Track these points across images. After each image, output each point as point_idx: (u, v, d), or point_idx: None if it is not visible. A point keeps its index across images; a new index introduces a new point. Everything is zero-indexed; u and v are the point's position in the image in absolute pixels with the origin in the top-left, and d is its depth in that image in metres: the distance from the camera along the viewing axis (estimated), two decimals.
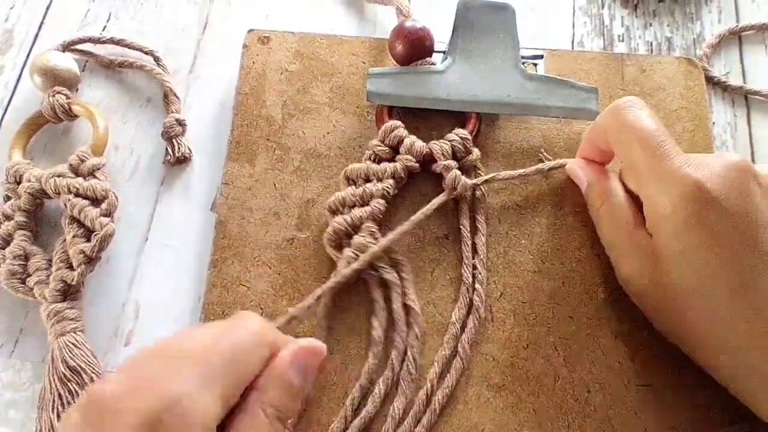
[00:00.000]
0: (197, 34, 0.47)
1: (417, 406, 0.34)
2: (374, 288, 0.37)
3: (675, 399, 0.35)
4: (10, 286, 0.37)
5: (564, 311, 0.37)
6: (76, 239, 0.37)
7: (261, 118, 0.42)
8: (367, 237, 0.37)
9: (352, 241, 0.37)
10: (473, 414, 0.34)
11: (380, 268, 0.37)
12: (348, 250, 0.36)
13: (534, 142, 0.42)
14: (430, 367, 0.35)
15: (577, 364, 0.36)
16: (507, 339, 0.36)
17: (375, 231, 0.37)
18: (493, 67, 0.41)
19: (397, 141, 0.39)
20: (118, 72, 0.46)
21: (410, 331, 0.36)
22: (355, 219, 0.37)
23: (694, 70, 0.44)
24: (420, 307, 0.36)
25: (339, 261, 0.37)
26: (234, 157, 0.41)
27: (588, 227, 0.39)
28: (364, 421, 0.34)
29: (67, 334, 0.35)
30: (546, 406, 0.35)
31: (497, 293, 0.37)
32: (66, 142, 0.43)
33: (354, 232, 0.37)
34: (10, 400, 0.36)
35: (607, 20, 0.48)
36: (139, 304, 0.38)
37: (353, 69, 0.44)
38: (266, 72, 0.43)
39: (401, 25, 0.42)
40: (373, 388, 0.34)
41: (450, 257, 0.38)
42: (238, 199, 0.40)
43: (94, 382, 0.34)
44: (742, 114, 0.45)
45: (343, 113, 0.42)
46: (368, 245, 0.36)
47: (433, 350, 0.36)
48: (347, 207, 0.38)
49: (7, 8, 0.48)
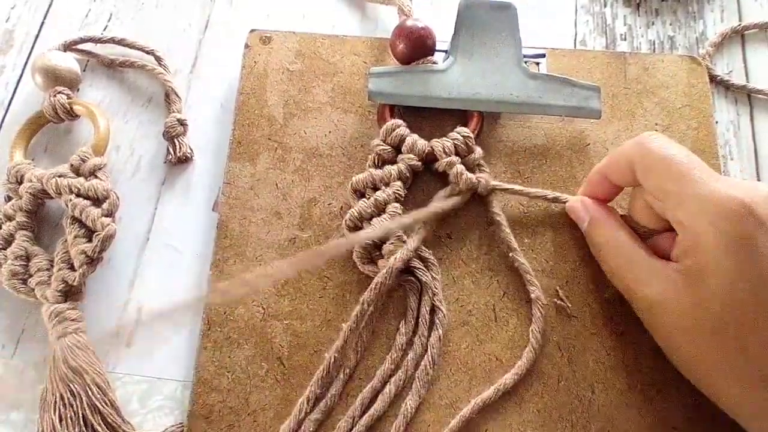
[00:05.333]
0: (198, 34, 0.47)
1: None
2: (411, 294, 0.37)
3: (679, 399, 0.35)
4: (12, 286, 0.37)
5: (566, 311, 0.37)
6: (77, 239, 0.37)
7: (262, 117, 0.42)
8: (397, 243, 0.36)
9: (383, 251, 0.37)
10: (476, 414, 0.34)
11: (416, 270, 0.36)
12: (383, 261, 0.36)
13: (536, 140, 0.42)
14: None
15: (581, 364, 0.36)
16: (510, 339, 0.36)
17: (401, 235, 0.37)
18: (496, 65, 0.41)
19: (398, 140, 0.39)
20: (119, 72, 0.46)
21: (433, 332, 0.36)
22: None
23: (698, 68, 0.44)
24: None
25: (378, 275, 0.36)
26: (235, 157, 0.41)
27: None
28: (372, 419, 0.34)
29: (68, 335, 0.35)
30: (550, 406, 0.35)
31: (500, 293, 0.37)
32: (67, 142, 0.43)
33: (381, 242, 0.37)
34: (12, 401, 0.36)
35: (610, 19, 0.48)
36: (140, 305, 0.38)
37: (355, 68, 0.44)
38: (268, 72, 0.43)
39: (403, 24, 0.42)
40: (385, 388, 0.34)
41: (452, 257, 0.38)
42: (239, 198, 0.39)
43: (96, 382, 0.34)
44: (745, 113, 0.45)
45: (345, 113, 0.42)
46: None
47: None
48: (365, 220, 0.38)
49: (7, 8, 0.48)
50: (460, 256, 0.38)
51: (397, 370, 0.35)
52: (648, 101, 0.43)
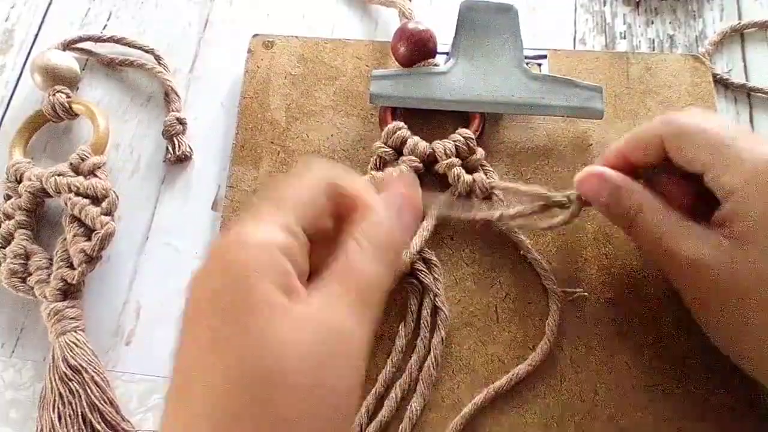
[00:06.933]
0: (198, 33, 0.47)
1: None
2: (412, 296, 0.36)
3: (681, 400, 0.35)
4: (11, 285, 0.36)
5: (571, 311, 0.37)
6: (76, 238, 0.36)
7: (265, 121, 0.42)
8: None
9: None
10: (479, 415, 0.34)
11: (418, 272, 0.36)
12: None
13: (538, 141, 0.41)
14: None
15: (584, 365, 0.35)
16: (512, 340, 0.36)
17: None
18: (497, 67, 0.41)
19: (400, 142, 0.39)
20: (118, 71, 0.45)
21: (436, 333, 0.35)
22: None
23: (701, 67, 0.44)
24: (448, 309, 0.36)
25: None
26: (239, 161, 0.41)
27: (594, 227, 0.38)
28: (380, 425, 0.34)
29: (67, 333, 0.35)
30: (552, 407, 0.35)
31: (502, 294, 0.37)
32: (66, 140, 0.43)
33: None
34: (11, 400, 0.36)
35: (609, 18, 0.48)
36: (140, 303, 0.38)
37: (357, 72, 0.44)
38: (270, 76, 0.43)
39: (404, 27, 0.42)
40: (389, 392, 0.34)
41: (455, 258, 0.38)
42: (242, 202, 0.39)
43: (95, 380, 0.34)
44: (745, 111, 0.45)
45: (347, 116, 0.42)
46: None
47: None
48: None
49: (7, 7, 0.48)
50: (462, 258, 0.38)
51: (398, 373, 0.35)
52: (651, 101, 0.43)
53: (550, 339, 0.35)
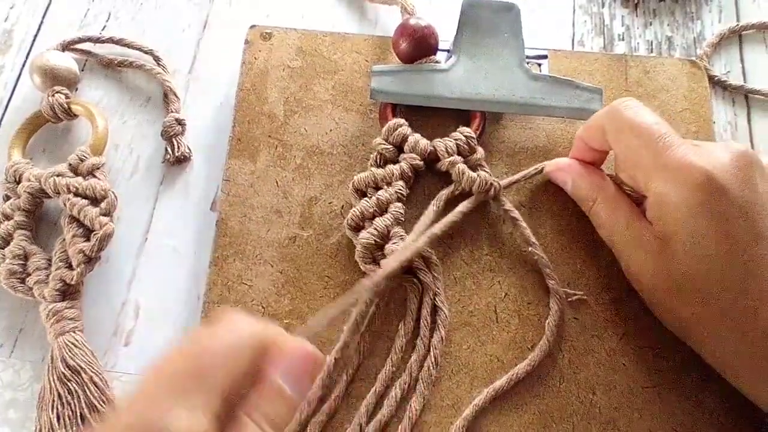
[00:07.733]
0: (197, 34, 0.47)
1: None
2: (412, 295, 0.36)
3: (679, 401, 0.35)
4: (10, 285, 0.36)
5: (569, 312, 0.37)
6: (75, 239, 0.36)
7: (263, 114, 0.42)
8: (400, 243, 0.36)
9: (385, 251, 0.36)
10: (478, 415, 0.34)
11: (418, 270, 0.36)
12: (385, 261, 0.36)
13: (538, 141, 0.41)
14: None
15: (582, 366, 0.35)
16: (512, 340, 0.36)
17: (403, 234, 0.37)
18: (498, 66, 0.41)
19: (400, 139, 0.39)
20: (117, 71, 0.45)
21: (435, 333, 0.35)
22: (381, 229, 0.37)
23: (698, 72, 0.44)
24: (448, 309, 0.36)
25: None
26: (235, 154, 0.40)
27: (593, 229, 0.38)
28: (380, 424, 0.33)
29: (66, 334, 0.35)
30: (550, 407, 0.35)
31: (502, 294, 0.37)
32: (65, 141, 0.43)
33: (384, 242, 0.37)
34: (9, 400, 0.35)
35: (608, 19, 0.48)
36: (138, 304, 0.38)
37: (356, 66, 0.44)
38: (268, 68, 0.43)
39: (406, 23, 0.42)
40: (389, 392, 0.34)
41: (454, 257, 0.38)
42: (239, 196, 0.39)
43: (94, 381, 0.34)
44: (743, 113, 0.45)
45: (346, 111, 0.42)
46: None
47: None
48: (367, 220, 0.37)
49: (6, 8, 0.48)
50: (462, 257, 0.38)
51: (398, 372, 0.35)
52: (648, 104, 0.42)
53: (550, 339, 0.35)
